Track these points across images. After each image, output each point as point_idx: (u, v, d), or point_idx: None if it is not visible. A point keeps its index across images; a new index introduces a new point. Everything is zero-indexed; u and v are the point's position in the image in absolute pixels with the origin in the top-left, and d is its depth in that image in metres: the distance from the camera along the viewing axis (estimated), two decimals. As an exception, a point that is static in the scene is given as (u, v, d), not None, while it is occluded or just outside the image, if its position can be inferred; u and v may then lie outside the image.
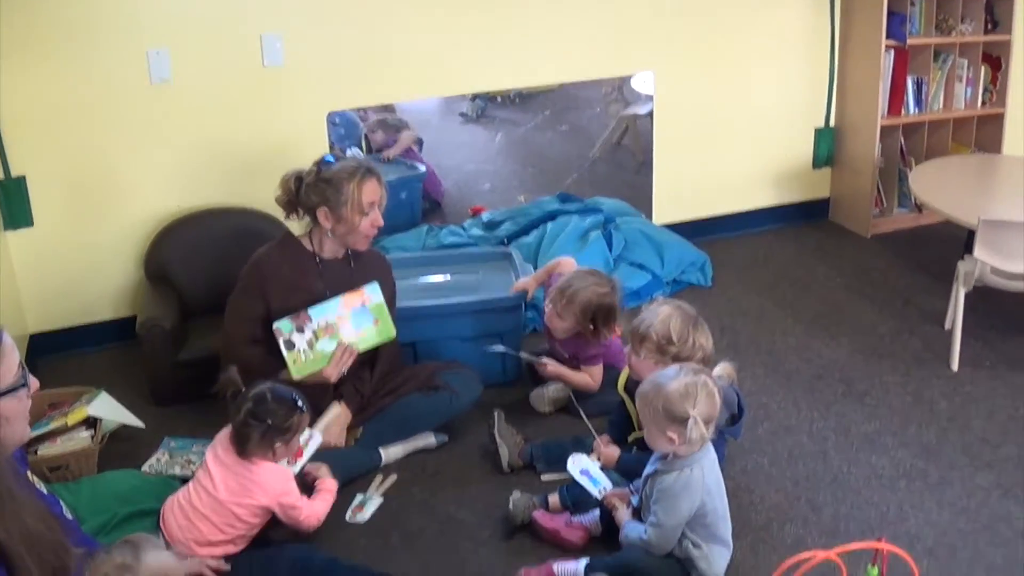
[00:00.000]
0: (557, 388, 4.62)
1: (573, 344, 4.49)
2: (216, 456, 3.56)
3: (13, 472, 2.46)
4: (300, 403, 3.60)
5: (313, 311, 4.01)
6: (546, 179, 6.26)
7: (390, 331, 4.19)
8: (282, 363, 4.01)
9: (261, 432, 3.48)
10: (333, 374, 4.05)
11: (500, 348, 4.54)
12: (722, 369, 3.57)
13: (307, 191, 4.03)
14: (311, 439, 3.78)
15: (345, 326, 4.08)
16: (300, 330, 3.98)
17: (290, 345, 3.97)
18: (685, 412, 3.19)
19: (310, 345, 4.01)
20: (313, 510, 3.62)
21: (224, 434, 3.61)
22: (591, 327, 4.37)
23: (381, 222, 4.12)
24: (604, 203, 6.05)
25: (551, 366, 4.51)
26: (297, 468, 3.71)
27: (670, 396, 3.22)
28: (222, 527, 3.47)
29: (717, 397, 3.28)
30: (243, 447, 3.51)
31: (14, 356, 2.59)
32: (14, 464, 2.60)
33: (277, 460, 3.57)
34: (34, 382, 2.68)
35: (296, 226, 4.28)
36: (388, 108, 5.82)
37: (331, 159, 4.08)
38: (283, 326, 3.95)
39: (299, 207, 4.11)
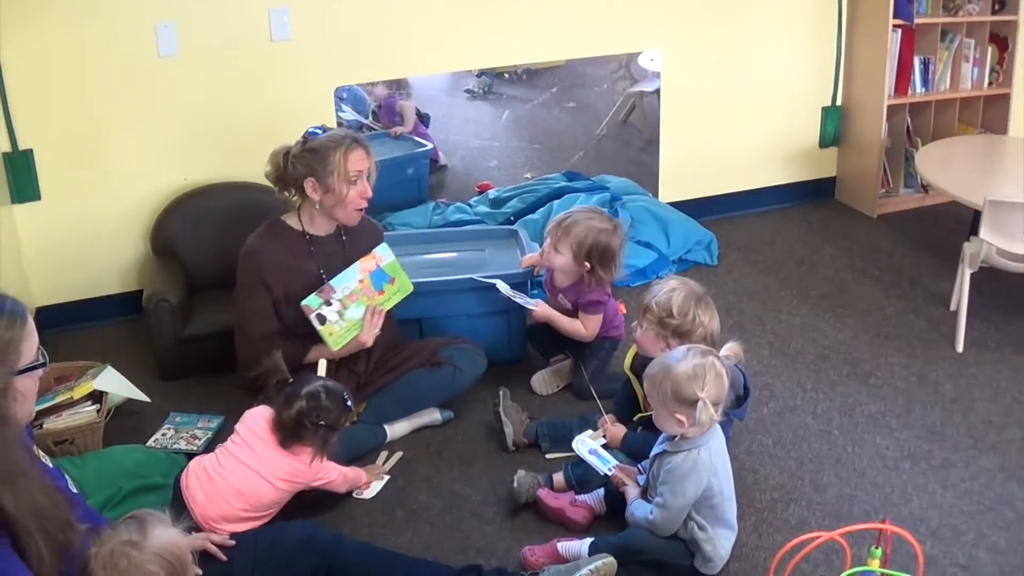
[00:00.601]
0: (557, 368, 4.63)
1: (574, 291, 4.44)
2: (258, 436, 3.56)
3: (25, 448, 2.50)
4: (351, 403, 3.67)
5: (334, 282, 4.03)
6: (552, 156, 6.25)
7: (408, 286, 4.26)
8: (306, 343, 4.07)
9: (322, 437, 3.56)
10: (368, 338, 4.09)
11: (494, 281, 4.49)
12: (729, 349, 3.56)
13: (294, 163, 4.01)
14: None
15: (367, 289, 4.12)
16: (328, 303, 4.01)
17: (321, 319, 3.99)
18: (694, 394, 3.20)
19: (340, 315, 4.04)
20: (341, 475, 3.72)
21: (260, 414, 3.63)
22: (587, 265, 4.30)
23: (369, 193, 4.11)
24: (610, 181, 6.05)
25: (540, 308, 4.45)
26: None
27: (678, 378, 3.22)
28: (257, 505, 3.48)
29: (725, 378, 3.27)
30: (291, 443, 3.55)
31: (35, 336, 2.62)
32: (25, 440, 2.62)
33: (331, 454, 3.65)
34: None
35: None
36: (399, 83, 5.82)
37: (317, 131, 4.07)
38: (311, 302, 3.97)
39: (288, 181, 4.09)
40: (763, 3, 6.21)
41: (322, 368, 3.96)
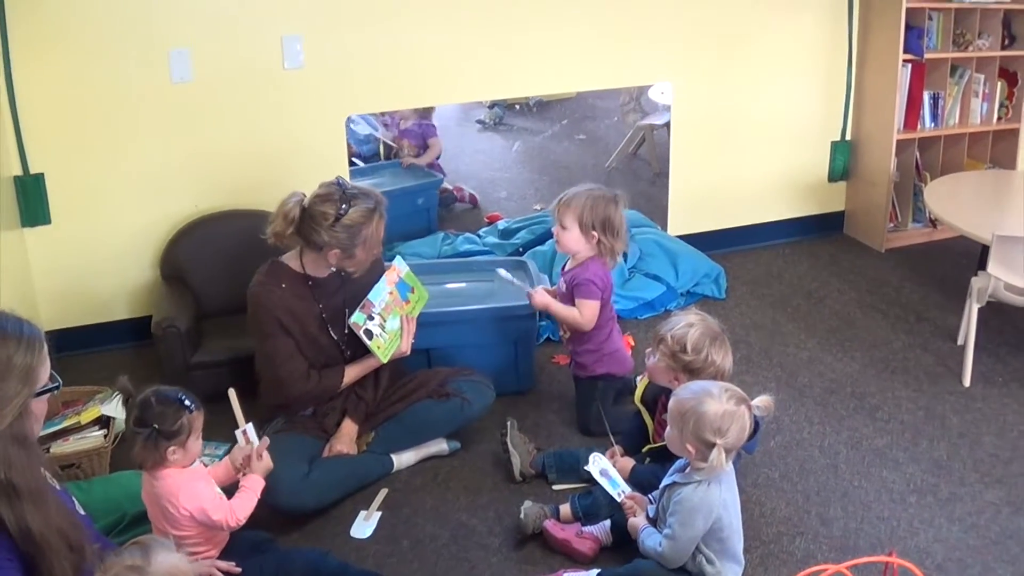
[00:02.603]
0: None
1: (573, 272, 4.42)
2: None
3: (46, 469, 2.57)
4: (188, 402, 3.34)
5: (371, 296, 4.11)
6: (562, 188, 6.13)
7: (424, 294, 4.37)
8: (337, 369, 4.12)
9: (144, 437, 3.25)
10: (407, 347, 4.21)
11: (506, 276, 4.58)
12: (762, 401, 3.50)
13: (323, 234, 3.92)
14: (247, 432, 3.66)
15: (397, 301, 4.20)
16: (371, 317, 4.08)
17: (369, 334, 4.07)
18: (713, 440, 3.20)
19: (382, 328, 4.12)
20: (225, 511, 3.35)
21: None
22: (594, 234, 4.33)
23: (381, 248, 4.18)
24: (619, 213, 6.06)
25: (538, 296, 4.44)
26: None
27: (705, 417, 3.21)
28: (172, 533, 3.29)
29: (747, 430, 3.28)
30: (144, 462, 3.31)
31: (48, 359, 2.64)
32: (44, 461, 2.66)
33: (176, 466, 3.32)
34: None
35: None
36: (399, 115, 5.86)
37: (341, 184, 4.00)
38: (358, 319, 4.04)
39: (301, 238, 4.00)
40: (773, 37, 6.24)
41: (234, 399, 3.78)
